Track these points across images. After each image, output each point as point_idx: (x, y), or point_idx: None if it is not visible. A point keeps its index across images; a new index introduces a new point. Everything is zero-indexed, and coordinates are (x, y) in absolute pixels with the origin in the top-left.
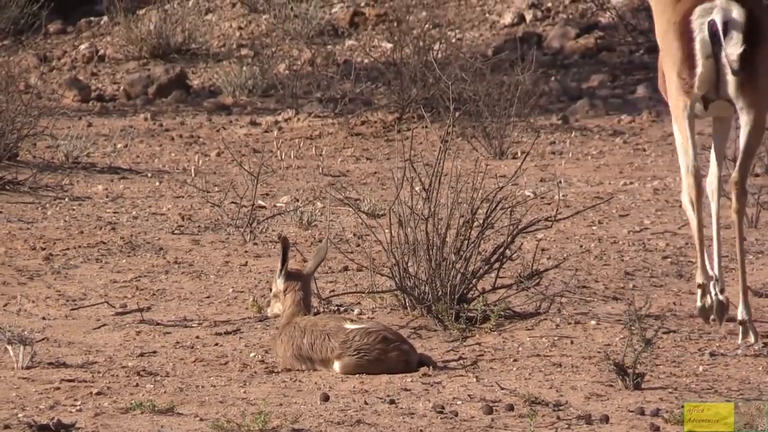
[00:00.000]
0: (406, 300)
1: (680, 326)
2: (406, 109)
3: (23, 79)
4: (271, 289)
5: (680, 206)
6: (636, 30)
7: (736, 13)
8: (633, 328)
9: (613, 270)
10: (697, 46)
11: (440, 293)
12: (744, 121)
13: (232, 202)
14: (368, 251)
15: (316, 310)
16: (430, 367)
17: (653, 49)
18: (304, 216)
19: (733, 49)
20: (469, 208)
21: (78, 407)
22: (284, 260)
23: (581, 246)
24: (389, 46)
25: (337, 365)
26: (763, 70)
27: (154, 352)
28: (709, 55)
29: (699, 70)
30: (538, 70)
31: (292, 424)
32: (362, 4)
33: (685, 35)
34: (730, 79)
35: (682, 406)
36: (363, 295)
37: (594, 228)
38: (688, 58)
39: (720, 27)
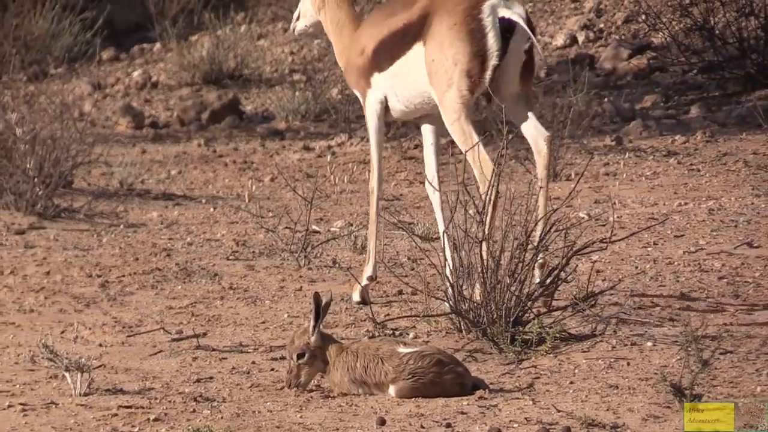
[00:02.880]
0: (461, 323)
1: (737, 347)
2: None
3: (77, 107)
4: (300, 355)
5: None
6: (689, 50)
7: (519, 8)
8: (690, 349)
9: (668, 291)
10: (490, 40)
11: (495, 316)
12: (527, 104)
13: (286, 227)
14: (422, 275)
15: (371, 334)
16: (486, 390)
17: (706, 69)
18: (358, 240)
19: (528, 42)
20: (523, 231)
21: None
22: (317, 316)
23: (636, 267)
24: None
25: (392, 389)
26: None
27: (211, 377)
28: (500, 50)
29: (493, 63)
30: (591, 92)
31: None
32: None
33: (476, 33)
34: (518, 67)
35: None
36: (418, 318)
37: (649, 249)
38: (478, 55)
39: (522, 22)
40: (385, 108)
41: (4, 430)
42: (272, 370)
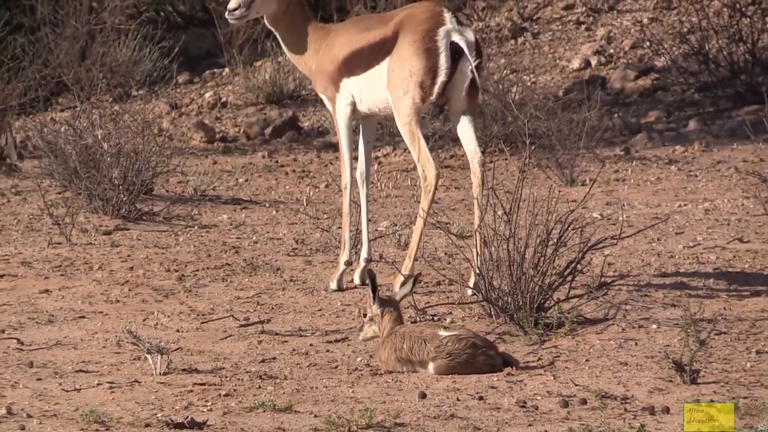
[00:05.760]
0: (492, 309)
1: (730, 328)
2: (489, 144)
3: (157, 124)
4: (365, 315)
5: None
6: (687, 72)
7: (470, 35)
8: (689, 330)
9: (670, 280)
10: (442, 59)
11: (521, 303)
12: (471, 120)
13: (339, 227)
14: (458, 268)
15: (413, 320)
16: (513, 367)
17: (702, 89)
18: (401, 238)
19: (473, 63)
20: (544, 229)
21: (209, 407)
22: (374, 289)
23: (643, 260)
24: None
25: (431, 367)
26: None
27: (274, 358)
28: (449, 68)
29: (441, 79)
30: (603, 108)
31: (394, 419)
32: None
33: (431, 52)
34: (464, 85)
35: (734, 398)
36: (454, 305)
37: (653, 244)
38: (431, 70)
39: (463, 46)
40: (353, 109)
41: (94, 404)
42: (327, 351)
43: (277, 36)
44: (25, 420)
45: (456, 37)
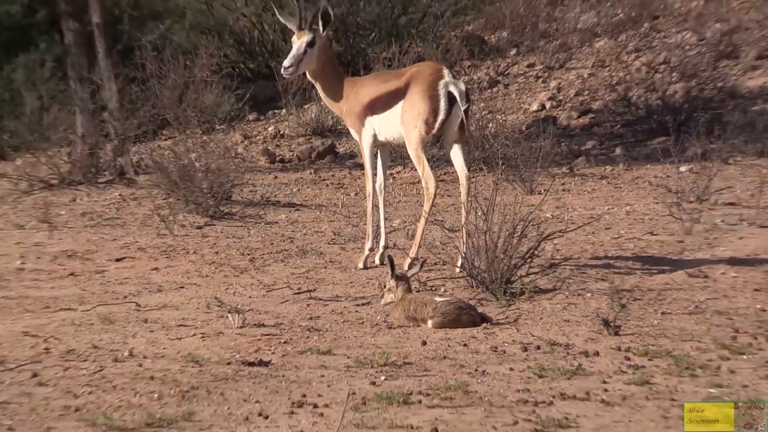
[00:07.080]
0: (473, 282)
1: (643, 296)
2: (472, 165)
3: (234, 150)
4: (384, 286)
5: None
6: (615, 113)
7: (462, 86)
8: (614, 297)
9: (601, 262)
10: (441, 104)
11: (494, 278)
12: (461, 147)
13: (364, 224)
14: (449, 253)
15: (417, 289)
16: (488, 323)
17: (626, 125)
18: (409, 232)
19: (463, 107)
20: (511, 225)
21: (272, 351)
22: (392, 269)
23: (581, 247)
24: None
25: (429, 323)
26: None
27: (318, 317)
28: (447, 110)
29: (441, 117)
30: (554, 139)
31: (404, 359)
32: None
33: (434, 98)
34: (456, 122)
35: (645, 345)
36: (446, 279)
37: (589, 236)
38: (433, 111)
39: (456, 94)
40: (374, 139)
41: (191, 349)
42: (356, 311)
43: (317, 86)
44: (142, 360)
45: (452, 88)
